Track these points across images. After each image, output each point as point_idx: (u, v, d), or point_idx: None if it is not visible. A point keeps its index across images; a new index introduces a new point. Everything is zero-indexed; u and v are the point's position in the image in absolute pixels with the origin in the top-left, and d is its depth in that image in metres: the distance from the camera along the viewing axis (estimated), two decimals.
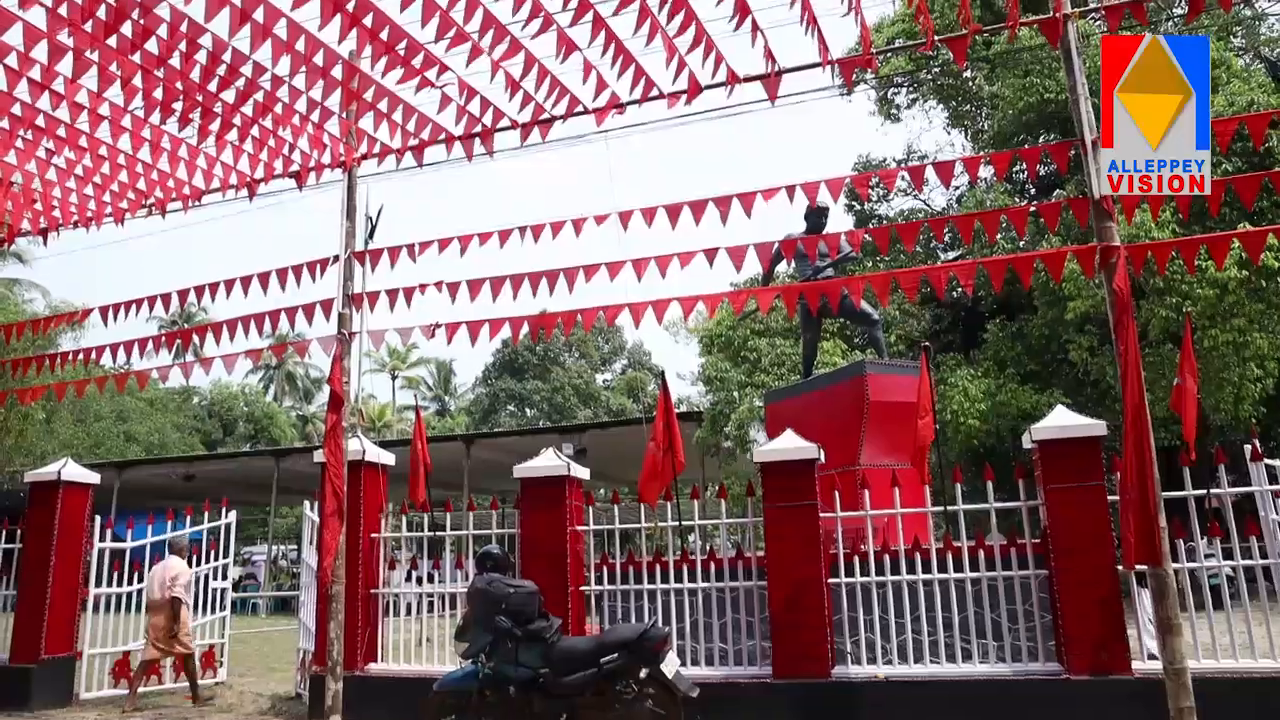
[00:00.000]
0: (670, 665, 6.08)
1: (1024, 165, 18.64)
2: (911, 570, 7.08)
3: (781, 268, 12.52)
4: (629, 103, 6.55)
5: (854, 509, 7.43)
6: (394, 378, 56.44)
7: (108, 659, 9.98)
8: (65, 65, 6.10)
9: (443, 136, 6.94)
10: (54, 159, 7.44)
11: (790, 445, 7.36)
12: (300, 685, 9.53)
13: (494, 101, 6.75)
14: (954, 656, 6.89)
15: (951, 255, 20.12)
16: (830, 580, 7.15)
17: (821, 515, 7.21)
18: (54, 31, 5.82)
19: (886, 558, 7.17)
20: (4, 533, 10.15)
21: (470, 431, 34.73)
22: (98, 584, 9.95)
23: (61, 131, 6.98)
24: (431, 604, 8.51)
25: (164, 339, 9.93)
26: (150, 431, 35.88)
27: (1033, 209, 6.96)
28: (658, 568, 7.71)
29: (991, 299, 18.54)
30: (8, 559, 10.17)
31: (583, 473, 8.07)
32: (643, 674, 6.05)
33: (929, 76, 20.16)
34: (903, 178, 19.08)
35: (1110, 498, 6.55)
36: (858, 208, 21.79)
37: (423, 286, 6.83)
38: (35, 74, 6.25)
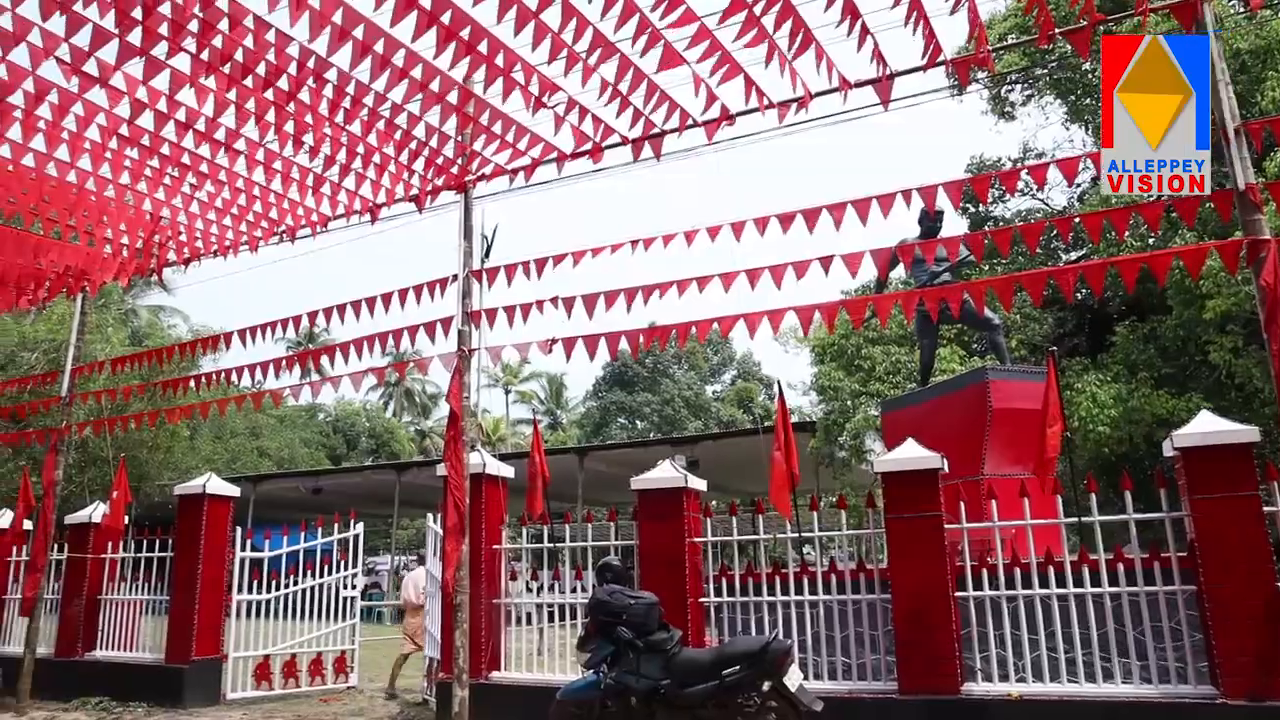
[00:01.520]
0: (793, 678, 5.99)
1: None
2: (1044, 584, 6.77)
3: (894, 274, 12.23)
4: (740, 114, 6.54)
5: (979, 520, 7.17)
6: (507, 392, 57.77)
7: (250, 662, 10.53)
8: (207, 106, 6.54)
9: (554, 155, 7.08)
10: (197, 193, 7.96)
11: (913, 454, 7.16)
12: (427, 691, 9.82)
13: (604, 118, 6.86)
14: (1093, 676, 6.54)
15: (1073, 256, 19.22)
16: (957, 593, 6.91)
17: (946, 526, 6.98)
18: (196, 75, 6.24)
19: (1017, 571, 6.88)
20: (158, 542, 10.87)
21: (582, 444, 35.16)
22: (239, 591, 10.54)
23: (204, 168, 7.47)
24: (551, 614, 8.63)
25: (296, 359, 10.46)
26: (281, 446, 37.70)
27: (1169, 203, 6.58)
28: (777, 580, 7.62)
29: (1120, 300, 17.61)
30: (161, 566, 10.89)
31: (699, 484, 8.05)
32: (765, 687, 5.97)
33: (1045, 71, 19.37)
34: (1022, 178, 18.37)
35: (1267, 509, 6.12)
36: (972, 210, 21.09)
37: (539, 303, 6.98)
38: (181, 115, 6.71)
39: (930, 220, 10.08)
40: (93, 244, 9.14)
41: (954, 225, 21.53)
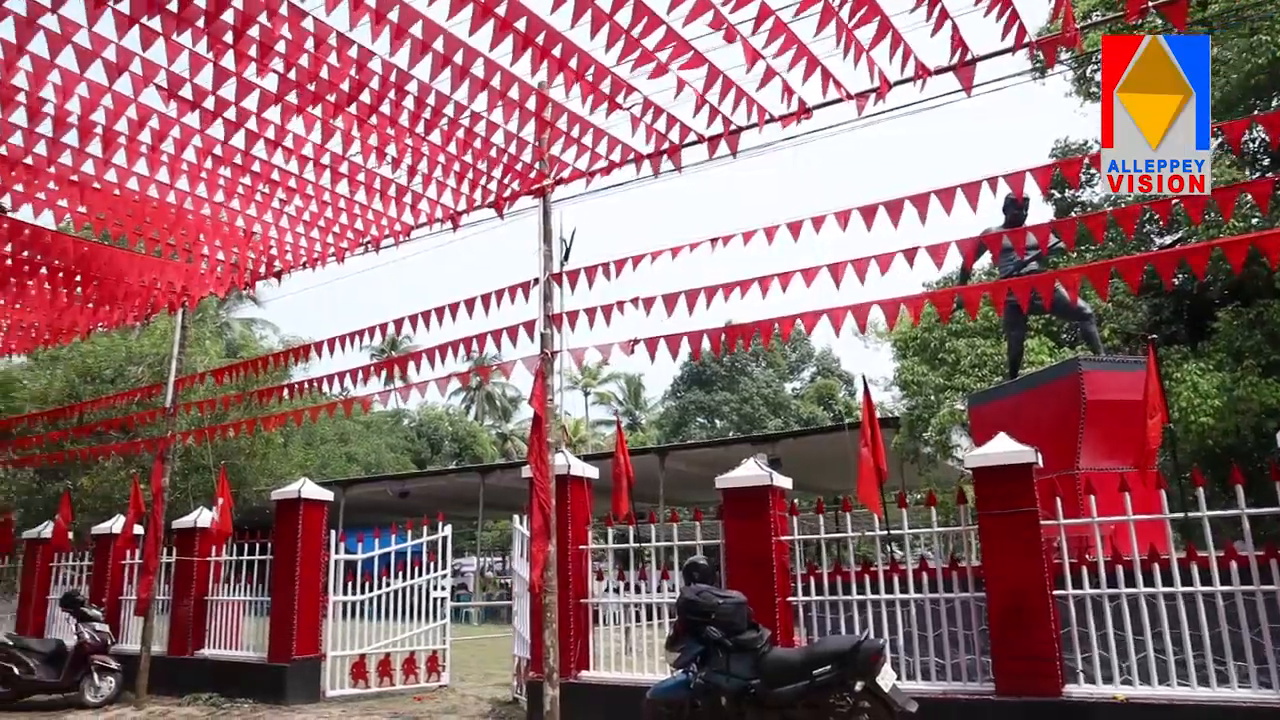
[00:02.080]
0: (886, 678, 5.89)
1: (1257, 133, 16.79)
2: (1149, 582, 6.50)
3: (975, 265, 11.89)
4: (818, 106, 6.46)
5: (1077, 516, 6.92)
6: (586, 394, 58.28)
7: (347, 661, 10.85)
8: (295, 123, 6.76)
9: (632, 156, 7.10)
10: (286, 208, 8.24)
11: (1005, 449, 6.95)
12: (517, 690, 9.97)
13: (680, 117, 6.84)
14: (1206, 679, 6.24)
15: (1167, 240, 18.39)
16: (1055, 592, 6.68)
17: (1042, 523, 6.76)
18: (283, 94, 6.46)
19: (1119, 568, 6.61)
20: (258, 546, 11.29)
21: (662, 444, 35.22)
22: (335, 592, 10.88)
23: (292, 183, 7.72)
24: (638, 614, 8.67)
25: (382, 366, 10.72)
26: (368, 452, 38.78)
27: (1277, 181, 6.26)
28: (866, 578, 7.50)
29: (1221, 284, 16.78)
30: (260, 569, 11.31)
31: (785, 483, 7.98)
32: (857, 687, 5.89)
33: None
34: None
35: None
36: (1057, 196, 20.38)
37: (620, 303, 7.01)
38: (270, 133, 6.95)
39: (1016, 207, 9.79)
40: (191, 260, 9.54)
41: (1039, 213, 20.84)
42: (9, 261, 9.41)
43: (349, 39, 5.92)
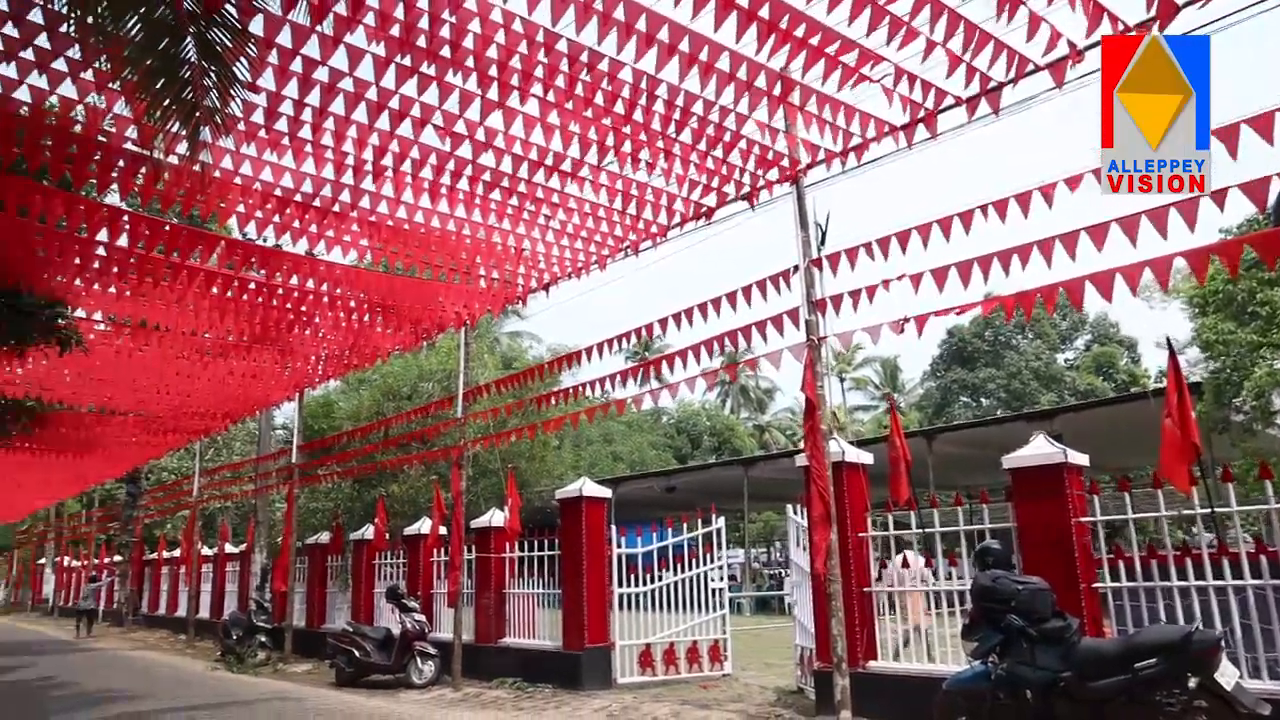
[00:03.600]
0: (1228, 675, 5.22)
1: None
2: None
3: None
4: (1089, 47, 5.89)
5: None
6: (841, 380, 57.14)
7: (633, 650, 11.35)
8: (555, 141, 7.17)
9: (886, 130, 6.85)
10: (550, 223, 8.76)
11: None
12: (802, 680, 9.94)
13: (935, 82, 6.51)
14: None
15: None
16: None
17: None
18: (544, 115, 6.87)
19: None
20: (546, 542, 12.10)
21: (926, 427, 33.76)
22: (619, 584, 11.42)
23: (555, 198, 8.19)
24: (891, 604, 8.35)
25: (641, 368, 11.11)
26: (631, 450, 40.46)
27: None
28: (1188, 562, 6.72)
29: None
30: (546, 564, 12.10)
31: (1081, 459, 7.34)
32: (1191, 684, 5.28)
33: None
34: None
35: None
36: None
37: (886, 282, 6.78)
38: (533, 154, 7.43)
39: None
40: (470, 281, 10.41)
41: None
42: (325, 299, 10.76)
43: (599, 52, 6.18)
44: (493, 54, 6.13)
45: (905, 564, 8.35)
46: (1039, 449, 7.31)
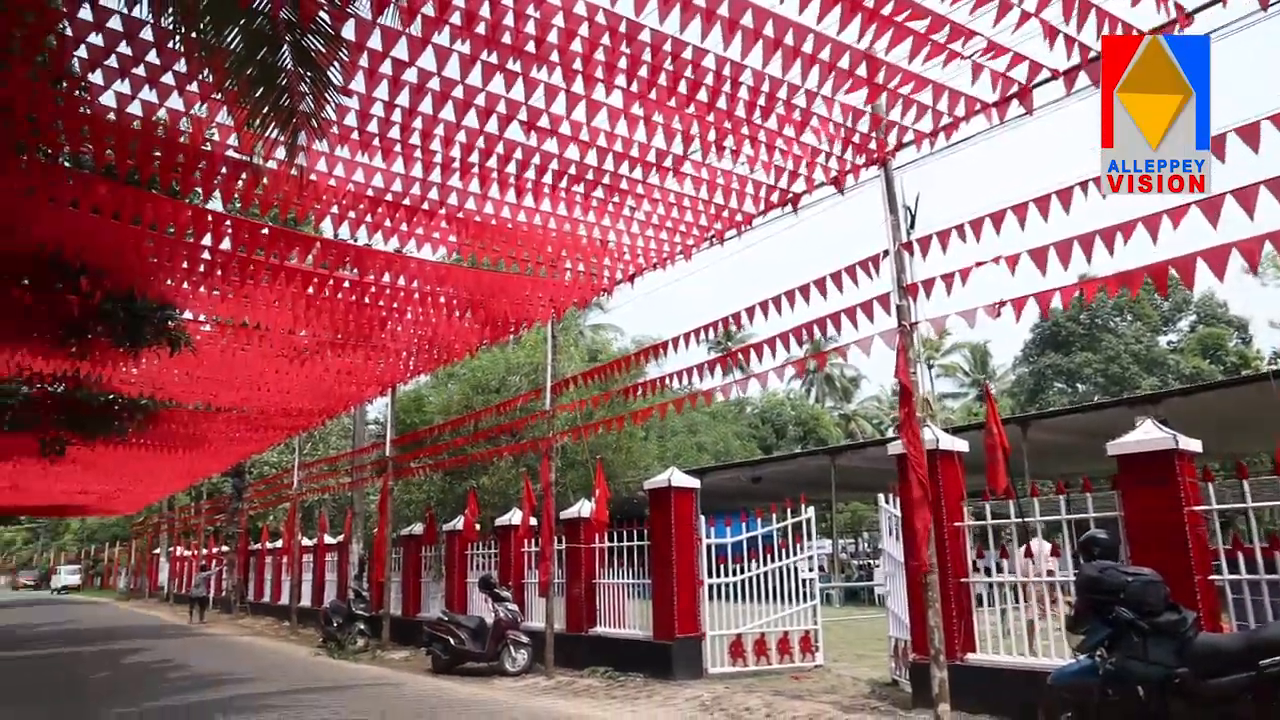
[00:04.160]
0: None
1: None
2: None
3: None
4: (1198, 9, 5.59)
5: None
6: (930, 367, 55.79)
7: (724, 640, 11.33)
8: (639, 132, 7.17)
9: (977, 107, 6.64)
10: (635, 214, 8.77)
11: None
12: (896, 672, 9.77)
13: (1028, 55, 6.28)
14: None
15: None
16: None
17: None
18: (628, 106, 6.88)
19: None
20: (635, 533, 12.16)
21: (1017, 414, 32.71)
22: (708, 575, 11.41)
23: (639, 189, 8.20)
24: (1015, 594, 8.09)
25: (725, 359, 11.05)
26: (715, 440, 40.28)
27: None
28: None
29: None
30: (635, 554, 12.17)
31: (1193, 445, 7.00)
32: None
33: None
34: None
35: None
36: None
37: (980, 264, 6.58)
38: (618, 146, 7.44)
39: None
40: (555, 275, 10.51)
41: None
42: (414, 295, 11.02)
43: (683, 41, 6.15)
44: (576, 47, 6.16)
45: (1028, 554, 8.10)
46: (1147, 434, 7.00)
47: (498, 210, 8.52)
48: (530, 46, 6.16)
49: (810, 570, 11.73)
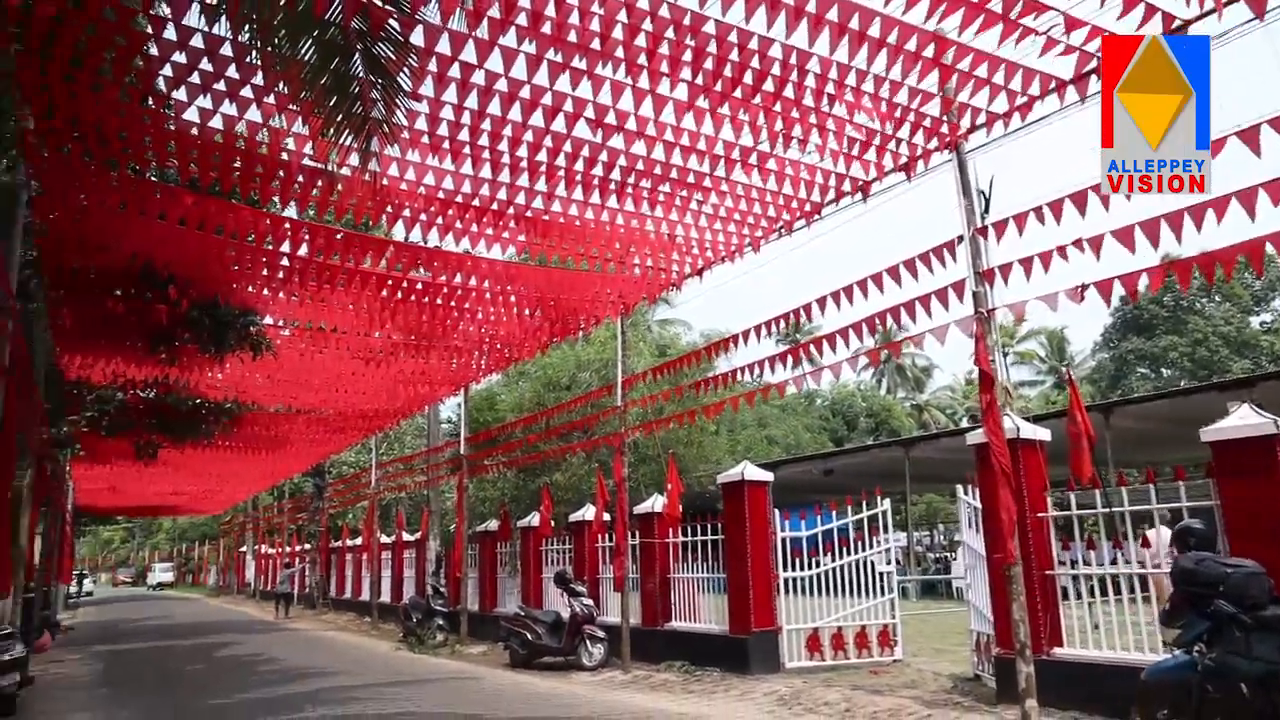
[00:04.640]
0: None
1: None
2: None
3: None
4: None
5: None
6: (1005, 354, 54.37)
7: (800, 634, 11.23)
8: (706, 125, 7.14)
9: (1052, 85, 6.44)
10: (703, 208, 8.73)
11: None
12: (978, 667, 9.56)
13: (1105, 26, 6.06)
14: None
15: None
16: None
17: None
18: (693, 100, 6.85)
19: None
20: (708, 527, 12.14)
21: (1099, 401, 31.66)
22: (783, 569, 11.32)
23: (706, 182, 8.16)
24: (1105, 586, 7.83)
25: (794, 351, 10.94)
26: (786, 433, 39.92)
27: None
28: None
29: None
30: (708, 548, 12.14)
31: None
32: None
33: None
34: None
35: None
36: None
37: (1061, 248, 6.37)
38: (685, 140, 7.42)
39: None
40: (624, 271, 10.54)
41: None
42: (485, 295, 11.18)
43: (748, 31, 6.10)
44: (641, 42, 6.16)
45: (1145, 543, 7.84)
46: (1245, 419, 6.70)
47: (565, 208, 8.57)
48: (595, 44, 6.17)
49: (886, 563, 11.55)
